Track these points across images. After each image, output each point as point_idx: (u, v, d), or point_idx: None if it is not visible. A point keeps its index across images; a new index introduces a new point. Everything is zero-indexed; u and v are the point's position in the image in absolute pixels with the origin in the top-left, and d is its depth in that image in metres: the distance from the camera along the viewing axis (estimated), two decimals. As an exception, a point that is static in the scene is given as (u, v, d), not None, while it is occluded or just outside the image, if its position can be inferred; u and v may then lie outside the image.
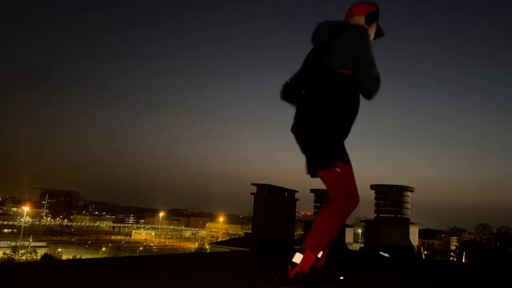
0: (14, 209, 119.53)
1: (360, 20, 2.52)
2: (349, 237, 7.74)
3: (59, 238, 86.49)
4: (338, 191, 2.31)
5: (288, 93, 2.55)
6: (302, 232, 7.82)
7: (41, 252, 46.26)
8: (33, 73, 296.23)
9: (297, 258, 2.16)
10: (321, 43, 2.47)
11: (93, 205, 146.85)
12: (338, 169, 2.32)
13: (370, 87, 2.37)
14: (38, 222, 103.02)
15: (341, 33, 2.39)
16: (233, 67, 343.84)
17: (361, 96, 2.44)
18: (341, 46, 2.36)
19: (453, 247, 74.16)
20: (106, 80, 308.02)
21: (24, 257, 44.28)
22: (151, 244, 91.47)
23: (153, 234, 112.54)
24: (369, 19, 2.52)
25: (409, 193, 6.81)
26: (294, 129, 2.47)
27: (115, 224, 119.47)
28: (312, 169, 2.40)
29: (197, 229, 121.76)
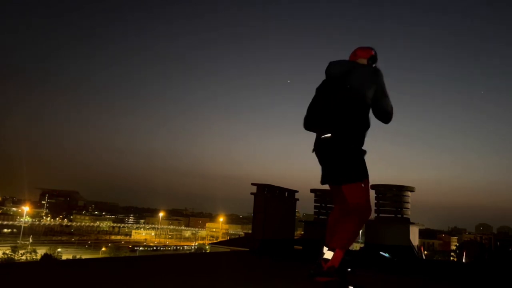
0: (14, 209, 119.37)
1: (363, 61, 3.09)
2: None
3: (59, 238, 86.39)
4: (363, 204, 2.76)
5: (312, 123, 2.97)
6: (302, 232, 7.80)
7: (41, 252, 46.20)
8: (33, 73, 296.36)
9: (329, 255, 2.62)
10: (339, 76, 2.94)
11: (93, 205, 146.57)
12: (363, 185, 2.78)
13: (388, 117, 2.98)
14: (38, 222, 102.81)
15: (358, 69, 2.94)
16: (234, 67, 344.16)
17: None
18: (362, 79, 2.88)
19: (453, 247, 74.18)
20: (106, 80, 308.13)
21: (24, 257, 44.24)
22: (150, 244, 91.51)
23: (153, 234, 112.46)
24: (371, 61, 3.10)
25: (409, 193, 6.81)
26: (323, 145, 2.87)
27: (115, 224, 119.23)
28: (341, 181, 2.83)
29: (197, 229, 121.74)
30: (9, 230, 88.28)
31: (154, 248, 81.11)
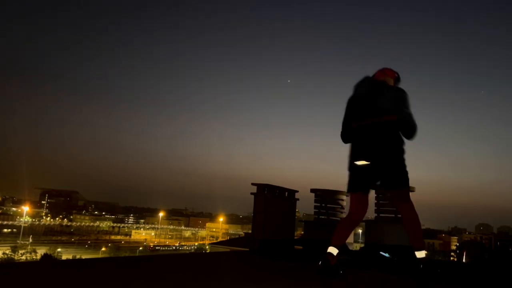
0: (14, 209, 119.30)
1: (390, 81, 3.48)
2: (349, 237, 7.72)
3: (59, 238, 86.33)
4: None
5: (349, 137, 3.40)
6: (302, 232, 7.79)
7: (40, 252, 46.16)
8: (33, 72, 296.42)
9: (333, 250, 3.20)
10: (367, 95, 3.30)
11: (92, 205, 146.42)
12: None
13: (414, 133, 3.22)
14: (37, 222, 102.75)
15: (387, 89, 3.31)
16: (235, 67, 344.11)
17: None
18: (391, 97, 3.22)
19: (453, 247, 74.24)
20: (106, 80, 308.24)
21: (24, 257, 44.20)
22: (151, 244, 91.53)
23: (153, 234, 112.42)
24: (395, 82, 3.55)
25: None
26: (374, 157, 3.17)
27: (115, 224, 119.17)
28: (398, 187, 3.28)
29: (197, 229, 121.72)
30: (9, 230, 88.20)
31: (174, 247, 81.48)
